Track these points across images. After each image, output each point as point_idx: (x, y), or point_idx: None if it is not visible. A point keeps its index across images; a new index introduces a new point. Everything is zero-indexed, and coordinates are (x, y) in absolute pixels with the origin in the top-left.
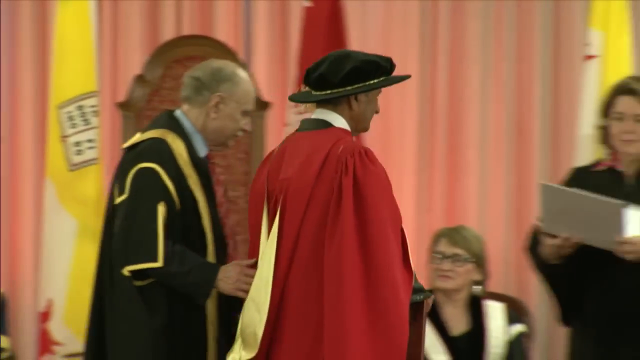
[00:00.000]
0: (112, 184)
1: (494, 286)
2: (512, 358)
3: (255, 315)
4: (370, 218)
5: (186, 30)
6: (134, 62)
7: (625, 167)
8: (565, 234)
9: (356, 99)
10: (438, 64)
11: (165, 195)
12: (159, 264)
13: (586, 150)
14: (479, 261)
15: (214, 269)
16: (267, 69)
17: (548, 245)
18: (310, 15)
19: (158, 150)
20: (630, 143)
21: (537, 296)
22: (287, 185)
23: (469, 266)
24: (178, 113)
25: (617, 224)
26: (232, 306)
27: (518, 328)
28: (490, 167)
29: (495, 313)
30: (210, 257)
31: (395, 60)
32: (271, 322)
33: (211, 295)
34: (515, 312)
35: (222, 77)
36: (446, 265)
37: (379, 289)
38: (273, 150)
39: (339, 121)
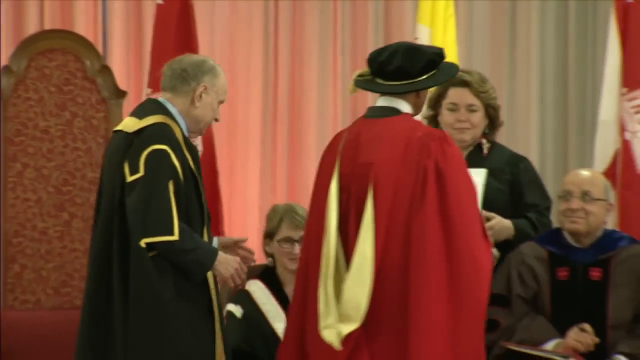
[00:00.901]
0: (110, 164)
1: None
2: None
3: (357, 289)
4: (452, 197)
5: (48, 25)
6: (1, 54)
7: (468, 154)
8: None
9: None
10: (280, 58)
11: (174, 175)
12: (174, 237)
13: None
14: None
15: (214, 252)
16: (124, 61)
17: None
18: (161, 13)
19: (166, 134)
20: (464, 131)
21: None
22: (372, 169)
23: None
24: (163, 100)
25: None
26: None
27: None
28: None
29: None
30: (205, 229)
31: (240, 55)
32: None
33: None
34: None
35: (205, 70)
36: (297, 248)
37: (460, 259)
38: (342, 133)
39: (406, 108)
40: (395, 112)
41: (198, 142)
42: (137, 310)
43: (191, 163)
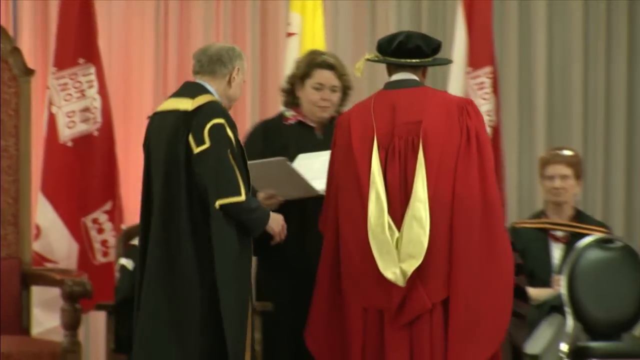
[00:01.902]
0: (168, 141)
1: None
2: None
3: (419, 230)
4: (486, 154)
5: None
6: None
7: (316, 125)
8: (270, 191)
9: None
10: (169, 41)
11: (230, 145)
12: (242, 198)
13: None
14: None
15: (268, 211)
16: (32, 42)
17: (261, 199)
18: (65, 0)
19: (221, 109)
20: (325, 109)
21: None
22: (420, 126)
23: None
24: (202, 83)
25: (294, 174)
26: None
27: None
28: None
29: None
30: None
31: (135, 38)
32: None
33: None
34: None
35: (236, 55)
36: None
37: (491, 199)
38: (364, 105)
39: (420, 81)
40: (417, 83)
41: (97, 114)
42: (222, 264)
43: (237, 135)
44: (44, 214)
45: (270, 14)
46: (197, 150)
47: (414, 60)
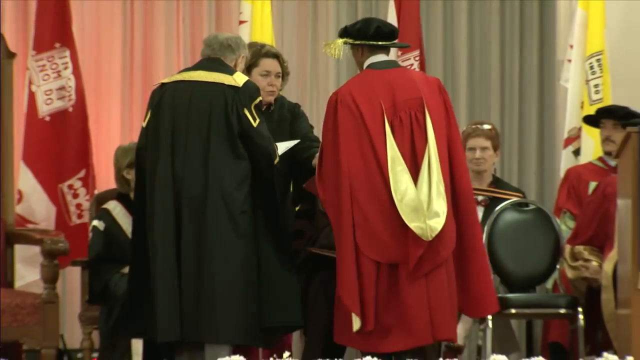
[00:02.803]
0: (204, 108)
1: None
2: None
3: (440, 187)
4: (455, 124)
5: None
6: None
7: (266, 108)
8: None
9: None
10: (135, 24)
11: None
12: (277, 159)
13: None
14: None
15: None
16: (14, 28)
17: None
18: None
19: (257, 88)
20: (273, 93)
21: None
22: (422, 102)
23: None
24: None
25: None
26: None
27: None
28: None
29: None
30: None
31: (104, 22)
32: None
33: None
34: None
35: (242, 44)
36: None
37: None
38: (361, 82)
39: None
40: (398, 63)
41: (72, 92)
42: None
43: None
44: (25, 181)
45: (224, 3)
46: (255, 124)
47: (395, 43)
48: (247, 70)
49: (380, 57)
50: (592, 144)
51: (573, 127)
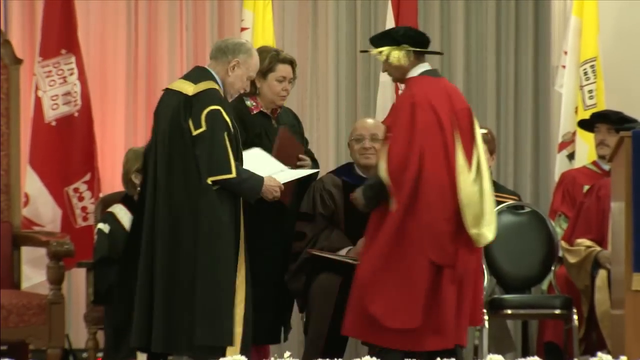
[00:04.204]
0: (171, 118)
1: None
2: None
3: (492, 203)
4: None
5: None
6: None
7: (271, 112)
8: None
9: None
10: (140, 31)
11: (227, 128)
12: (232, 175)
13: None
14: None
15: (261, 180)
16: (20, 35)
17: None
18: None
19: (218, 97)
20: (284, 98)
21: None
22: (470, 114)
23: None
24: (209, 68)
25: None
26: None
27: None
28: None
29: None
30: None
31: (109, 29)
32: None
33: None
34: None
35: (242, 50)
36: None
37: None
38: (432, 87)
39: None
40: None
41: (77, 97)
42: (204, 230)
43: (232, 118)
44: (31, 184)
45: (226, 10)
46: (195, 133)
47: (432, 51)
48: (263, 75)
49: (427, 65)
50: (586, 148)
51: (567, 132)
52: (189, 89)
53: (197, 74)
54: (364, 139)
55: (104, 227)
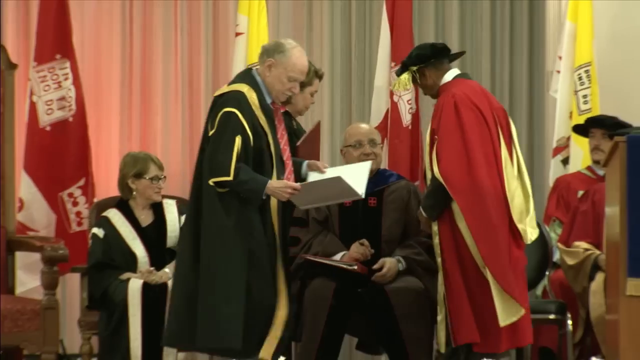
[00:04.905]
0: (206, 122)
1: (172, 190)
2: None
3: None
4: None
5: None
6: None
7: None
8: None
9: None
10: (134, 37)
11: (242, 131)
12: (230, 177)
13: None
14: None
15: (264, 182)
16: (15, 40)
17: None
18: (44, 3)
19: (238, 99)
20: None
21: None
22: (505, 112)
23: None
24: (253, 70)
25: (345, 185)
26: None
27: None
28: (171, 110)
29: (170, 208)
30: (275, 171)
31: (104, 36)
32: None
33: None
34: (185, 206)
35: (278, 49)
36: (162, 183)
37: None
38: (471, 89)
39: None
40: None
41: (72, 102)
42: (205, 233)
43: (261, 121)
44: (26, 189)
45: (220, 15)
46: (210, 133)
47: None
48: (301, 87)
49: (456, 70)
50: (580, 153)
51: (562, 137)
52: (220, 90)
53: (238, 76)
54: (364, 144)
55: (99, 231)
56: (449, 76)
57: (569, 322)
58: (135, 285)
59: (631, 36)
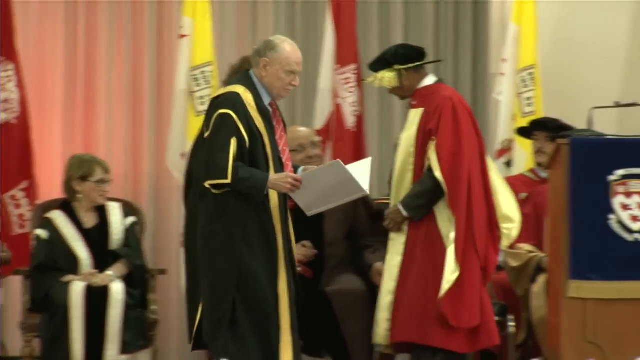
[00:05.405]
0: (203, 125)
1: (115, 192)
2: (128, 240)
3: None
4: None
5: None
6: None
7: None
8: (319, 209)
9: None
10: (79, 39)
11: (237, 132)
12: (228, 180)
13: (181, 101)
14: None
15: (265, 177)
16: None
17: None
18: None
19: (232, 101)
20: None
21: (146, 199)
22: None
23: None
24: (251, 72)
25: (347, 175)
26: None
27: (131, 219)
28: (115, 112)
29: (114, 211)
30: (272, 172)
31: (48, 38)
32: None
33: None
34: (129, 208)
35: (269, 47)
36: (107, 186)
37: None
38: (454, 93)
39: None
40: None
41: (15, 105)
42: (199, 236)
43: (257, 122)
44: None
45: (165, 17)
46: (205, 135)
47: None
48: None
49: (434, 76)
50: (524, 155)
51: (505, 139)
52: (218, 93)
53: (235, 79)
54: (306, 147)
55: (42, 233)
56: (429, 80)
57: (511, 324)
58: (77, 288)
59: (575, 39)
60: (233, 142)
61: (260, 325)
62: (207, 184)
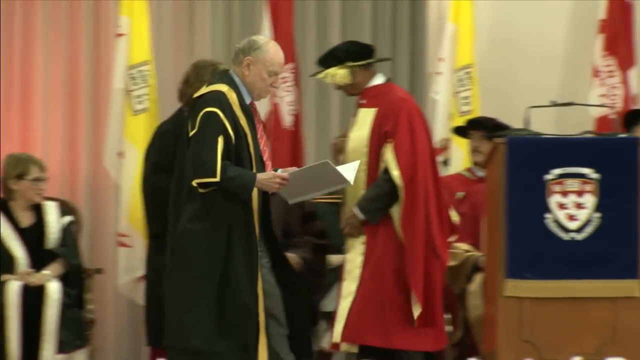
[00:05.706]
0: (185, 123)
1: (52, 192)
2: (64, 239)
3: None
4: None
5: None
6: None
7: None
8: (303, 197)
9: None
10: (14, 42)
11: (224, 131)
12: (217, 178)
13: (118, 100)
14: None
15: (253, 176)
16: None
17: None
18: None
19: (218, 99)
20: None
21: (82, 198)
22: None
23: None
24: (230, 71)
25: (333, 171)
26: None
27: (68, 218)
28: (51, 111)
29: (51, 210)
30: (255, 171)
31: None
32: None
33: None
34: (66, 208)
35: (253, 47)
36: (43, 185)
37: None
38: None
39: None
40: None
41: None
42: (184, 235)
43: (242, 121)
44: None
45: (102, 16)
46: (190, 134)
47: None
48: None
49: (382, 75)
50: (460, 154)
51: (442, 138)
52: (199, 91)
53: (216, 78)
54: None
55: None
56: (378, 79)
57: (448, 323)
58: (13, 287)
59: (512, 39)
60: (220, 141)
61: (241, 325)
62: (194, 183)
